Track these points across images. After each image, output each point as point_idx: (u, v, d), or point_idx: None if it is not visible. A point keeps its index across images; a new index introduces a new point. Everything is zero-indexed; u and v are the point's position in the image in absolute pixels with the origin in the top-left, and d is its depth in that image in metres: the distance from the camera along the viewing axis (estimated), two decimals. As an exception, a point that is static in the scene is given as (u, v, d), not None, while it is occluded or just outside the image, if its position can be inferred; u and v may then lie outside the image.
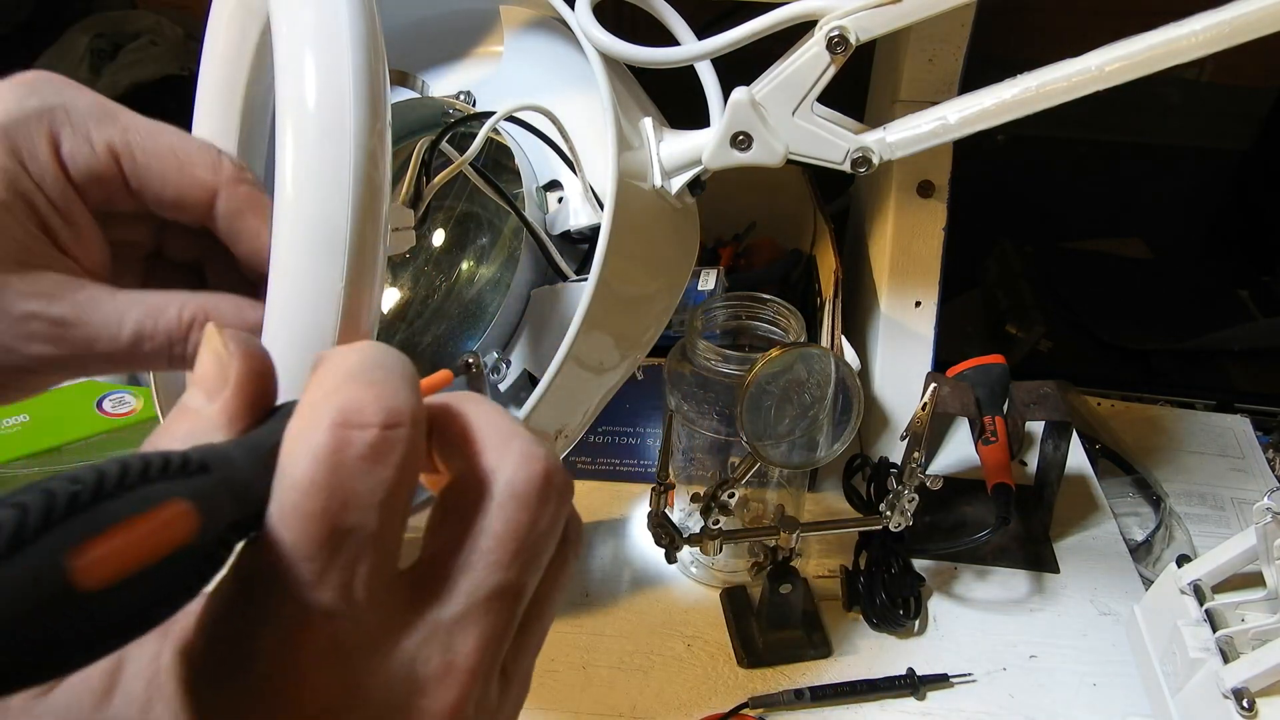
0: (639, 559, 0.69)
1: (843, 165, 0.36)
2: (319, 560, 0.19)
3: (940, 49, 0.69)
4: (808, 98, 0.35)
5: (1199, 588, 0.57)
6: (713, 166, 0.37)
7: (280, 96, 0.25)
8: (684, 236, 0.40)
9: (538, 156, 0.42)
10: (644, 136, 0.38)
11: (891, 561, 0.66)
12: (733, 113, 0.36)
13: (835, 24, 0.34)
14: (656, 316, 0.40)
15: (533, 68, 0.43)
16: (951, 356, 0.75)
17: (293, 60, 0.24)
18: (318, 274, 0.24)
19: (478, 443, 0.22)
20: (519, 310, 0.40)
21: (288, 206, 0.24)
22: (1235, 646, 0.54)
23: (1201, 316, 0.99)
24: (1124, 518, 0.75)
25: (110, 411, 0.73)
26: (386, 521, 0.20)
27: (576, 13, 0.38)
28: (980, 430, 0.69)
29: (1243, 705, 0.51)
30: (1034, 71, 0.33)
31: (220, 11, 0.33)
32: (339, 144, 0.24)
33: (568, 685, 0.60)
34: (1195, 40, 0.32)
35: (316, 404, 0.20)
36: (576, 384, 0.36)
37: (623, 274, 0.35)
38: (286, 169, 0.24)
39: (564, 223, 0.41)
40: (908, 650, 0.63)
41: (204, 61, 0.34)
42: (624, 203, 0.34)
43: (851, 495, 0.75)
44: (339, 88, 0.24)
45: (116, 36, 1.19)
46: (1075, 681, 0.61)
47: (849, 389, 0.54)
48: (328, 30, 0.24)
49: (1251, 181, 1.11)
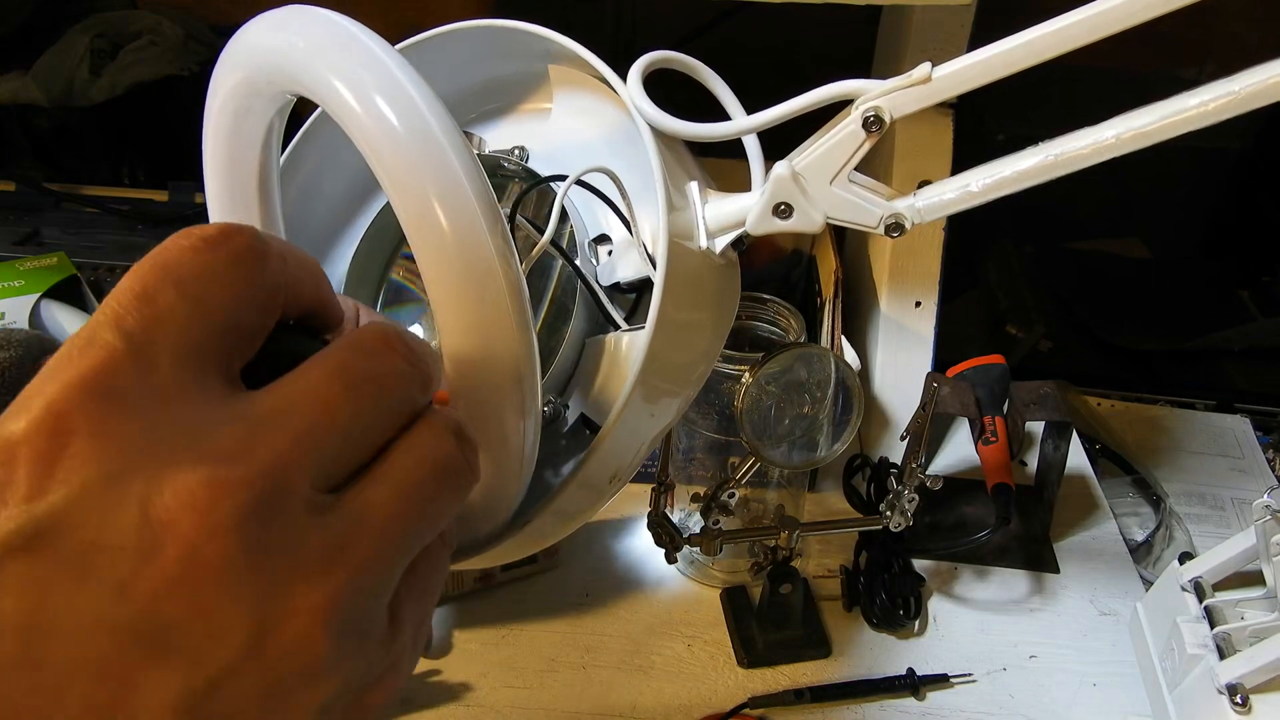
0: (639, 559, 0.69)
1: (877, 229, 0.38)
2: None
3: (940, 49, 0.69)
4: (844, 169, 0.37)
5: (1199, 585, 0.58)
6: (756, 233, 0.40)
7: (412, 230, 0.28)
8: (727, 286, 0.42)
9: (586, 209, 0.44)
10: (690, 199, 0.40)
11: (892, 561, 0.66)
12: (775, 185, 0.38)
13: (871, 104, 0.36)
14: (705, 354, 0.42)
15: (581, 124, 0.45)
16: (951, 356, 0.75)
17: (416, 198, 0.27)
18: (493, 360, 0.28)
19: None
20: (574, 358, 0.42)
21: (451, 316, 0.28)
22: (1233, 643, 0.54)
23: (1201, 316, 0.99)
24: (1124, 518, 0.75)
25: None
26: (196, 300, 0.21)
27: (629, 87, 0.39)
28: (980, 430, 0.69)
29: (1236, 701, 0.51)
30: (1052, 141, 0.36)
31: (220, 92, 0.34)
32: (484, 261, 0.27)
33: (568, 685, 0.60)
34: (1206, 110, 0.33)
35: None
36: (633, 428, 0.38)
37: (674, 326, 0.37)
38: (442, 290, 0.28)
39: (613, 274, 0.43)
40: (908, 650, 0.63)
41: (209, 146, 0.35)
42: (674, 262, 0.37)
43: (851, 495, 0.75)
44: (470, 216, 0.27)
45: (116, 36, 1.19)
46: (1075, 681, 0.61)
47: (849, 389, 0.54)
48: (437, 161, 0.27)
49: (1251, 181, 1.11)
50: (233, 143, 0.34)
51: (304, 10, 0.30)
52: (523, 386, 0.29)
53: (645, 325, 0.36)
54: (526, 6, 1.36)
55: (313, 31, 0.29)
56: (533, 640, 0.63)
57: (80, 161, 1.19)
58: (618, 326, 0.42)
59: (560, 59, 0.43)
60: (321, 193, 0.46)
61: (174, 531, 0.18)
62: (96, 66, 1.16)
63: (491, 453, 0.30)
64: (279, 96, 0.33)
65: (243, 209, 0.36)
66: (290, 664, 0.19)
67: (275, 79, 0.31)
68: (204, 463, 0.19)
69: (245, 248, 0.22)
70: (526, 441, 0.30)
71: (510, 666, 0.61)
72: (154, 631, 0.18)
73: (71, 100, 1.15)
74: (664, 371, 0.38)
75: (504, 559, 0.38)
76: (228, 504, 0.19)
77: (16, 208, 1.05)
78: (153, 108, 1.18)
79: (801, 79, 0.40)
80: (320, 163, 0.45)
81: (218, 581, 0.18)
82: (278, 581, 0.19)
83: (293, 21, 0.30)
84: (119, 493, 0.18)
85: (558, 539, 0.42)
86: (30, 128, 1.17)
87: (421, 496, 0.22)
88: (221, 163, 0.35)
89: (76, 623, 0.18)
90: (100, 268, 0.96)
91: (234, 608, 0.19)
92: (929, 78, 0.35)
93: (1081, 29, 0.33)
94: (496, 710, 0.58)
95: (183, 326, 0.20)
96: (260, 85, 0.32)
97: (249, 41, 0.31)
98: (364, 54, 0.28)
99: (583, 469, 0.36)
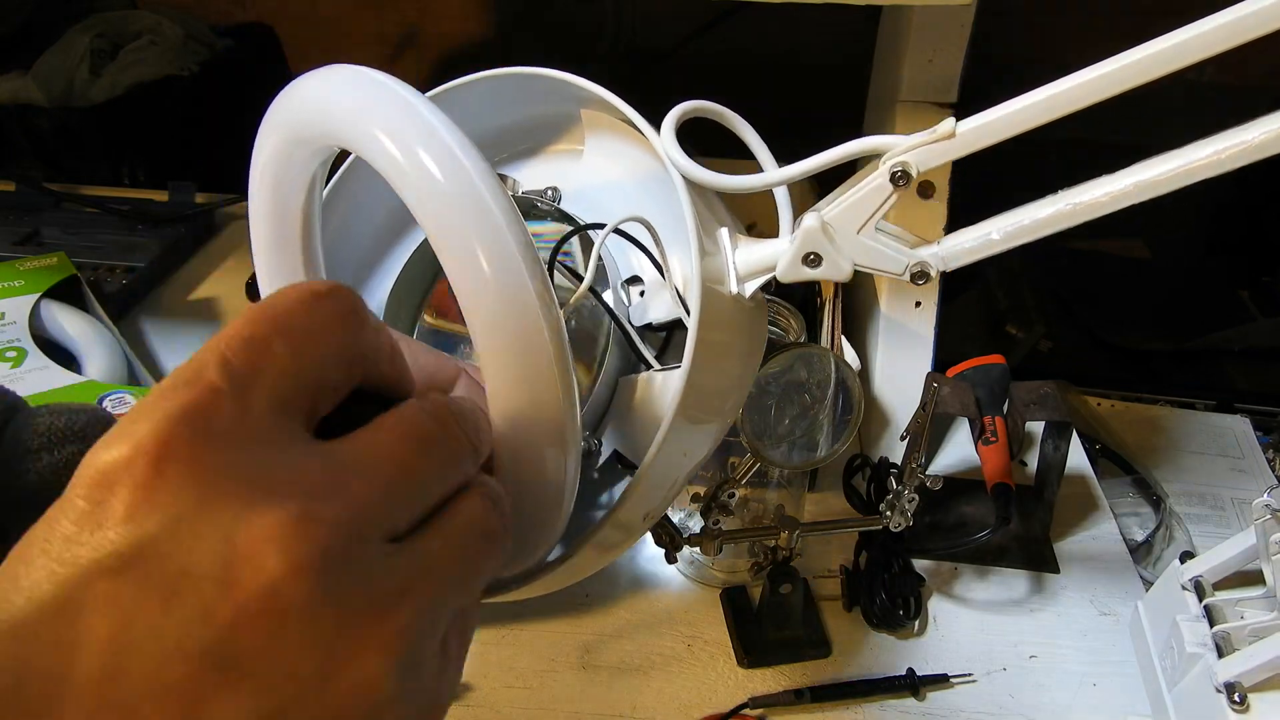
0: (639, 559, 0.69)
1: (903, 276, 0.40)
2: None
3: (940, 49, 0.70)
4: (871, 220, 0.39)
5: (1199, 583, 0.58)
6: (785, 280, 0.41)
7: (456, 277, 0.29)
8: (756, 327, 0.44)
9: (618, 251, 0.45)
10: (721, 246, 0.41)
11: (892, 561, 0.66)
12: (805, 236, 0.39)
13: (898, 160, 0.37)
14: (735, 391, 0.43)
15: (612, 166, 0.46)
16: (951, 356, 0.75)
17: (460, 247, 0.29)
18: (534, 392, 0.30)
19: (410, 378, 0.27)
20: (608, 397, 0.43)
21: (493, 355, 0.30)
22: (1232, 642, 0.54)
23: (1201, 316, 0.99)
24: (1124, 518, 0.75)
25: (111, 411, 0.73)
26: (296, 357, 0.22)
27: (662, 138, 0.40)
28: (980, 430, 0.69)
29: (1234, 699, 0.51)
30: (1070, 190, 0.37)
31: (266, 146, 0.36)
32: (526, 305, 0.29)
33: (568, 685, 0.60)
34: (1220, 159, 0.34)
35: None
36: (667, 467, 0.40)
37: (707, 368, 0.39)
38: (485, 332, 0.29)
39: (644, 315, 0.44)
40: (908, 650, 0.63)
41: (255, 193, 0.37)
42: (707, 307, 0.38)
43: (851, 495, 0.75)
44: (511, 263, 0.29)
45: (116, 36, 1.19)
46: (1075, 681, 0.61)
47: (849, 389, 0.54)
48: (479, 211, 0.29)
49: (1251, 182, 1.11)
50: (278, 191, 0.36)
51: (348, 70, 0.31)
52: (563, 425, 0.30)
53: (678, 366, 0.38)
54: (528, 8, 1.36)
55: (357, 90, 0.31)
56: (533, 640, 0.63)
57: (80, 161, 1.19)
58: (650, 366, 0.43)
59: (592, 104, 0.44)
60: (356, 230, 0.48)
61: (257, 565, 0.19)
62: (96, 66, 1.16)
63: (533, 488, 0.32)
64: (323, 150, 0.34)
65: (288, 253, 0.38)
66: (354, 698, 0.20)
67: (320, 134, 0.33)
68: (290, 501, 0.20)
69: (349, 309, 0.24)
70: (567, 478, 0.32)
71: (510, 666, 0.61)
72: (230, 658, 0.19)
73: (71, 100, 1.15)
74: (696, 412, 0.39)
75: (546, 590, 0.39)
76: (310, 543, 0.20)
77: (16, 208, 1.05)
78: (153, 108, 1.18)
79: (801, 79, 0.40)
80: (353, 204, 0.47)
81: (294, 616, 0.19)
82: (349, 620, 0.20)
83: (338, 80, 0.31)
84: (208, 524, 0.19)
85: (593, 572, 0.43)
86: (30, 128, 1.17)
87: (471, 551, 0.24)
88: (266, 207, 0.37)
89: (158, 645, 0.19)
90: (100, 268, 0.96)
91: (307, 642, 0.20)
92: (953, 133, 0.36)
93: (1103, 83, 0.34)
94: (496, 710, 0.58)
95: (282, 374, 0.22)
96: (306, 139, 0.34)
97: (296, 98, 0.33)
98: (406, 110, 0.30)
99: (621, 508, 0.38)
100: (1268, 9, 0.32)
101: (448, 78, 0.45)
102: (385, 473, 0.22)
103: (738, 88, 0.45)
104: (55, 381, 0.74)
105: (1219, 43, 0.33)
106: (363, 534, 0.21)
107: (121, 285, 0.94)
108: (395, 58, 1.39)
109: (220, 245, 1.07)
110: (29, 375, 0.75)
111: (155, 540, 0.19)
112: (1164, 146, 0.35)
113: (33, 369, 0.76)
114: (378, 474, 0.22)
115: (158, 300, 0.97)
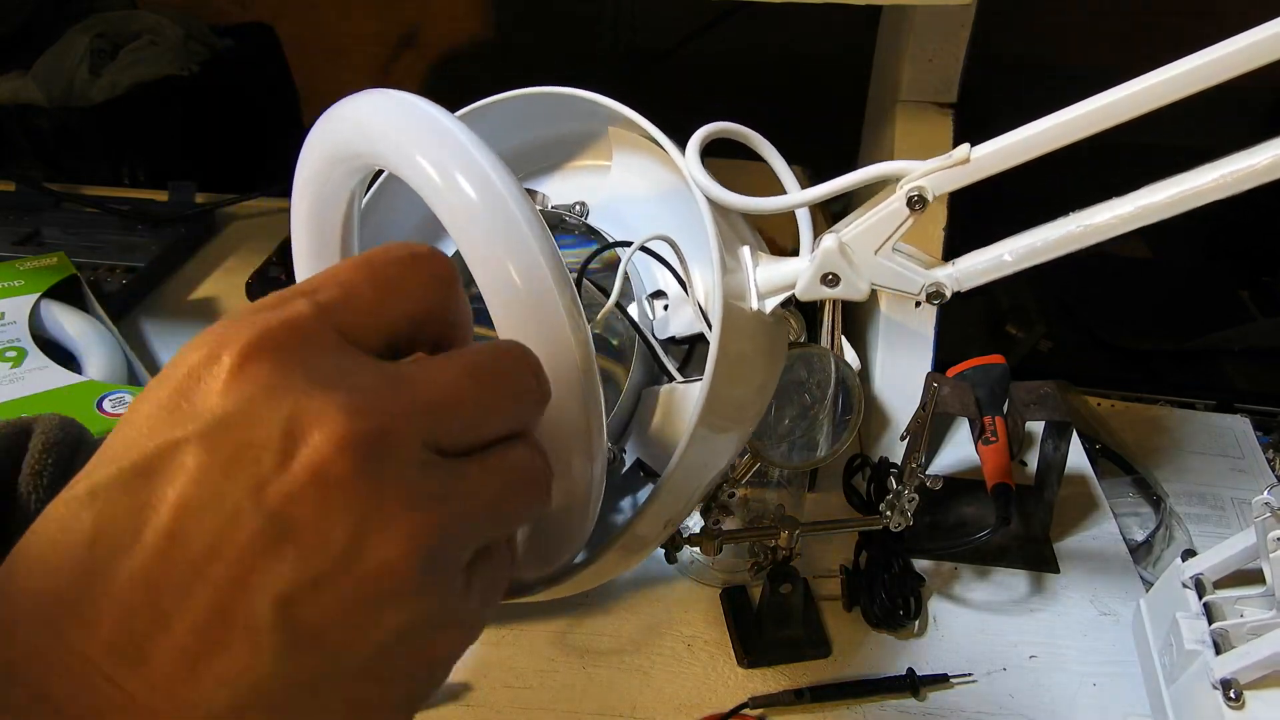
0: (639, 559, 0.69)
1: (919, 296, 0.41)
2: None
3: (940, 49, 0.69)
4: (888, 242, 0.40)
5: (1200, 581, 0.58)
6: (804, 299, 0.42)
7: (489, 292, 0.31)
8: (776, 343, 0.45)
9: (643, 266, 0.47)
10: (743, 263, 0.43)
11: (892, 561, 0.66)
12: (823, 257, 0.40)
13: (914, 185, 0.38)
14: (754, 404, 0.44)
15: (638, 181, 0.48)
16: (951, 356, 0.75)
17: (494, 265, 0.31)
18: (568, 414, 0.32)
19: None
20: (631, 407, 0.45)
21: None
22: (1230, 639, 0.54)
23: (1201, 316, 0.99)
24: (1124, 518, 0.75)
25: (110, 412, 0.73)
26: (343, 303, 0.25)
27: (687, 160, 0.42)
28: (980, 430, 0.69)
29: (1230, 696, 0.51)
30: (1079, 213, 0.38)
31: (308, 165, 0.38)
32: (555, 320, 0.31)
33: (568, 685, 0.60)
34: (1225, 183, 0.36)
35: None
36: (688, 478, 0.41)
37: (727, 382, 0.40)
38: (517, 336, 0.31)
39: (667, 328, 0.46)
40: (908, 650, 0.63)
41: (298, 206, 0.39)
42: (728, 323, 0.39)
43: (851, 495, 0.75)
44: (542, 281, 0.31)
45: (116, 36, 1.19)
46: (1075, 681, 0.61)
47: (849, 389, 0.54)
48: (512, 231, 0.30)
49: (1251, 181, 1.10)
50: (318, 205, 0.39)
51: (389, 95, 0.34)
52: (589, 434, 0.32)
53: (699, 379, 0.39)
54: (528, 8, 1.37)
55: (396, 114, 0.33)
56: (533, 640, 0.63)
57: (80, 161, 1.19)
58: (672, 378, 0.45)
59: (619, 122, 0.45)
60: (391, 237, 0.51)
61: (308, 442, 0.22)
62: (96, 66, 1.16)
63: (560, 494, 0.33)
64: (363, 169, 0.37)
65: (326, 261, 0.40)
66: (379, 579, 0.22)
67: (361, 155, 0.35)
68: (343, 395, 0.23)
69: (442, 275, 0.27)
70: (593, 484, 0.34)
71: (510, 666, 0.61)
72: (277, 525, 0.21)
73: (71, 100, 1.15)
74: (717, 422, 0.40)
75: (570, 592, 0.41)
76: (354, 430, 0.22)
77: (16, 208, 1.05)
78: (153, 108, 1.19)
79: (801, 79, 0.41)
80: (389, 212, 0.50)
81: (334, 490, 0.22)
82: (381, 505, 0.22)
83: (377, 104, 0.34)
84: (273, 408, 0.22)
85: (615, 576, 0.45)
86: (30, 128, 1.17)
87: (509, 490, 0.26)
88: (306, 219, 0.40)
89: (219, 509, 0.21)
90: (100, 268, 0.96)
91: (341, 516, 0.22)
92: (968, 159, 0.37)
93: (1117, 108, 0.35)
94: (496, 710, 0.58)
95: (364, 313, 0.25)
96: (345, 158, 0.36)
97: (338, 121, 0.35)
98: (444, 135, 0.32)
99: (643, 516, 0.39)
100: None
101: (448, 78, 0.45)
102: (438, 392, 0.25)
103: (738, 88, 0.45)
104: (55, 381, 0.74)
105: (1242, 64, 0.33)
106: (405, 434, 0.23)
107: (121, 285, 0.94)
108: (395, 58, 1.39)
109: (220, 245, 1.07)
110: (29, 375, 0.75)
111: (226, 417, 0.22)
112: (1164, 146, 0.36)
113: (32, 369, 0.76)
114: (430, 390, 0.24)
115: (158, 300, 0.97)
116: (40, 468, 0.28)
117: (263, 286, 0.95)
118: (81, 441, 0.31)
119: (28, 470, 0.28)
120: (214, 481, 0.21)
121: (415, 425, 0.24)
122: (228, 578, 0.21)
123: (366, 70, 1.40)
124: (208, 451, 0.21)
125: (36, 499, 0.29)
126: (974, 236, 0.43)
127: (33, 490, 0.28)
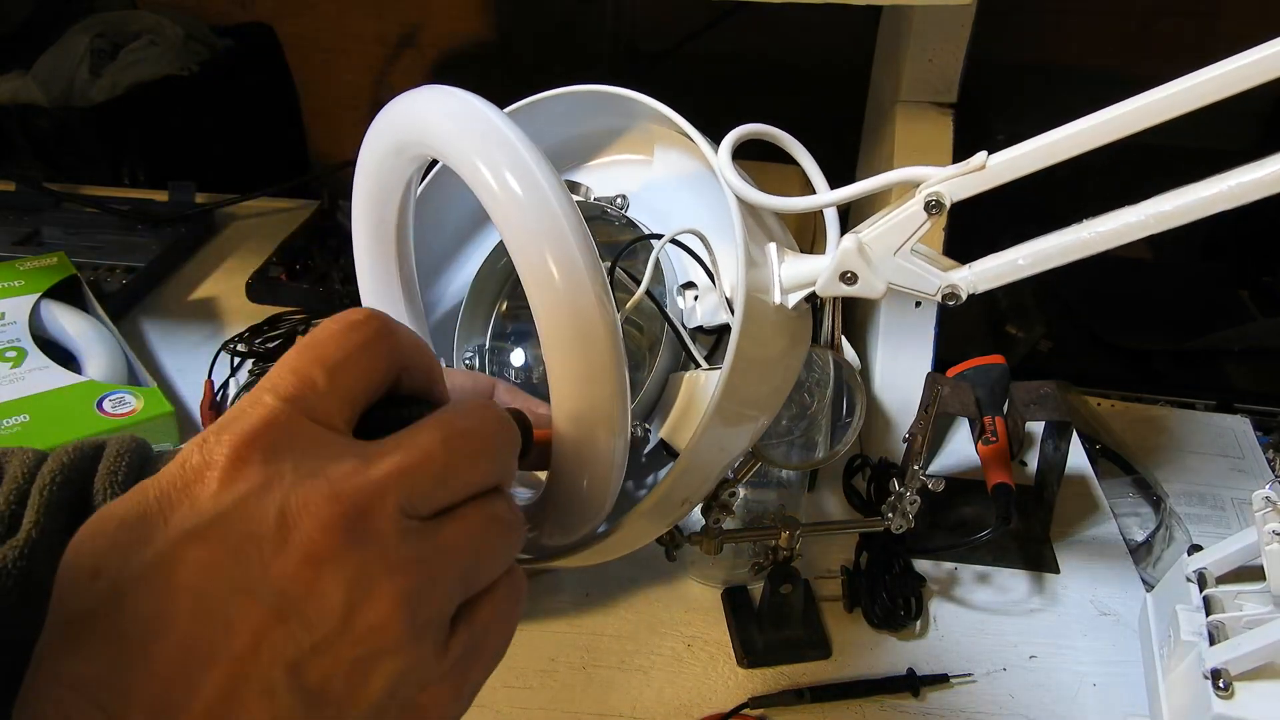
0: (639, 559, 0.69)
1: (935, 298, 0.42)
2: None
3: (940, 49, 0.69)
4: (906, 244, 0.41)
5: (1203, 575, 0.58)
6: (824, 295, 0.44)
7: (529, 280, 0.34)
8: (798, 335, 0.47)
9: (675, 257, 0.49)
10: (769, 259, 0.45)
11: (892, 562, 0.66)
12: (842, 256, 0.42)
13: (932, 190, 0.39)
14: (774, 395, 0.46)
15: (676, 176, 0.51)
16: (951, 356, 0.75)
17: (535, 256, 0.34)
18: (594, 400, 0.35)
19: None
20: (658, 391, 0.47)
21: (559, 350, 0.35)
22: (1225, 631, 0.54)
23: (1201, 316, 0.99)
24: (1124, 518, 0.75)
25: (110, 412, 0.73)
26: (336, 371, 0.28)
27: (719, 160, 0.44)
28: (980, 430, 0.69)
29: (1219, 685, 0.51)
30: (1090, 220, 0.39)
31: (371, 153, 0.42)
32: (587, 308, 0.34)
33: (568, 685, 0.60)
34: (1233, 193, 0.37)
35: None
36: (705, 458, 0.44)
37: (747, 371, 0.42)
38: (551, 330, 0.34)
39: (696, 318, 0.48)
40: (908, 650, 0.63)
41: (360, 190, 0.44)
42: (750, 315, 0.41)
43: (851, 495, 0.75)
44: (577, 272, 0.34)
45: (116, 36, 1.19)
46: (1075, 681, 0.61)
47: (850, 389, 0.54)
48: (552, 228, 0.34)
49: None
50: (378, 190, 0.44)
51: (448, 92, 0.37)
52: (614, 411, 0.35)
53: (722, 367, 0.41)
54: (528, 8, 1.36)
55: (454, 112, 0.37)
56: (533, 640, 0.63)
57: (80, 161, 1.19)
58: (699, 365, 0.47)
59: (660, 120, 0.48)
60: (442, 223, 0.55)
61: (299, 528, 0.25)
62: (96, 66, 1.16)
63: (588, 464, 0.36)
64: (419, 159, 0.41)
65: (384, 242, 0.46)
66: (372, 639, 0.26)
67: (421, 147, 0.39)
68: (325, 482, 0.26)
69: (375, 335, 0.29)
70: (615, 458, 0.36)
71: (510, 666, 0.61)
72: (282, 602, 0.25)
73: (71, 100, 1.15)
74: (734, 409, 0.43)
75: (593, 560, 0.44)
76: (335, 513, 0.25)
77: (16, 208, 1.05)
78: (153, 108, 1.19)
79: (801, 79, 0.41)
80: (442, 202, 0.54)
81: (325, 567, 0.25)
82: (367, 573, 0.26)
83: (438, 101, 0.37)
84: (268, 500, 0.25)
85: (636, 548, 0.48)
86: (30, 128, 1.17)
87: (483, 542, 0.29)
88: (367, 201, 0.44)
89: (232, 589, 0.24)
90: (100, 268, 0.96)
91: (334, 588, 0.25)
92: (984, 166, 0.39)
93: (1131, 119, 0.36)
94: (496, 710, 0.58)
95: (322, 396, 0.28)
96: (407, 149, 0.40)
97: (400, 114, 0.39)
98: (497, 136, 0.35)
99: (661, 491, 0.42)
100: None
101: (447, 78, 0.46)
102: (406, 460, 0.27)
103: (738, 88, 0.46)
104: (55, 381, 0.74)
105: (1265, 72, 0.34)
106: (381, 508, 0.26)
107: (121, 285, 0.94)
108: (395, 58, 1.39)
109: (220, 245, 1.07)
110: (29, 375, 0.75)
111: (229, 513, 0.25)
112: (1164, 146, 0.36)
113: (33, 369, 0.76)
114: (399, 461, 0.27)
115: (158, 300, 0.97)
116: (115, 467, 0.31)
117: (263, 286, 0.96)
118: (150, 453, 0.33)
119: (103, 470, 0.31)
120: (225, 569, 0.25)
121: (390, 498, 0.27)
122: (245, 648, 0.24)
123: (366, 70, 1.40)
124: (219, 543, 0.25)
125: (111, 496, 0.31)
126: (975, 235, 0.43)
127: (107, 488, 0.30)
